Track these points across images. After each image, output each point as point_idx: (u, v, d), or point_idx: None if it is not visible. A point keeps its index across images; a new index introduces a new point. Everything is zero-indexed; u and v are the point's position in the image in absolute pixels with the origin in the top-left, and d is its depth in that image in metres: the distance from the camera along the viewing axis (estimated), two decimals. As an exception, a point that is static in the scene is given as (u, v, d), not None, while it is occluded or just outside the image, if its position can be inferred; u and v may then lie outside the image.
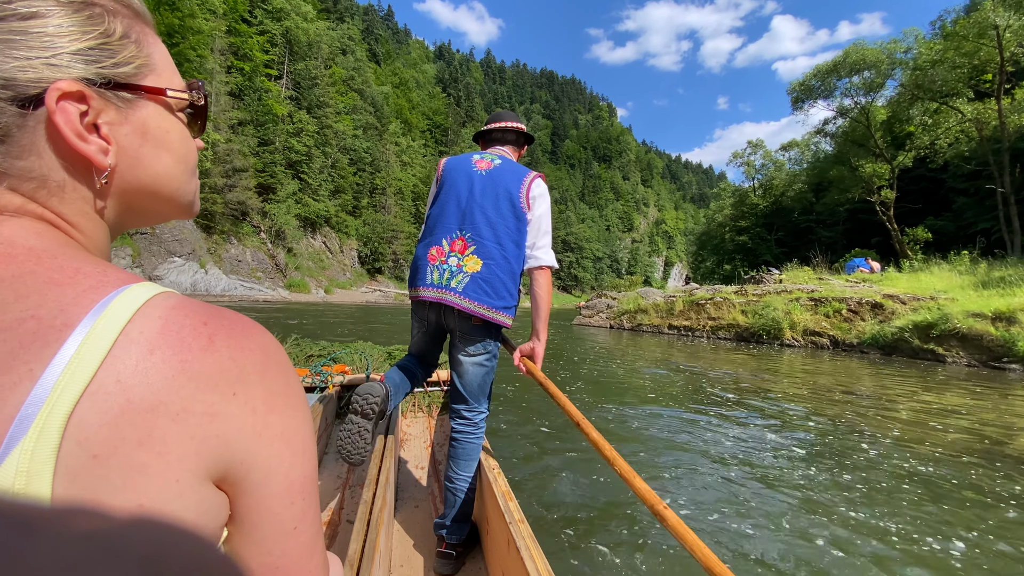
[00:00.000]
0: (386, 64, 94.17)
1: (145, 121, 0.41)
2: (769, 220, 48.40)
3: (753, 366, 8.20)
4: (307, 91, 48.93)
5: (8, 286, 0.30)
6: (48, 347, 0.29)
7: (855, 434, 3.94)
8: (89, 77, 0.36)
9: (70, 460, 0.28)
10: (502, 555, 1.32)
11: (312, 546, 0.41)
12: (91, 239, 0.40)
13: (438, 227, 1.59)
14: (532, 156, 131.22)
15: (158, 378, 0.31)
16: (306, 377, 2.97)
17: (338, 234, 51.42)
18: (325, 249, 48.57)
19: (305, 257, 43.37)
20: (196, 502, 0.32)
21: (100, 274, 0.34)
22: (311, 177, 46.06)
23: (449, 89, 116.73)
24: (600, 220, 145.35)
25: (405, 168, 67.08)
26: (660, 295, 16.63)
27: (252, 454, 0.35)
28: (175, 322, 0.33)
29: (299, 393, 0.40)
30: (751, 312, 12.93)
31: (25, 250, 0.32)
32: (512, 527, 1.23)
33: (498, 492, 1.45)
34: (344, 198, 52.45)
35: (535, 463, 3.09)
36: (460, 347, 1.62)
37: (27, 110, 0.34)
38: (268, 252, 38.17)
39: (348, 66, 62.67)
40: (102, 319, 0.31)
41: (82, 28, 0.36)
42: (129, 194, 0.42)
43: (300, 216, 44.51)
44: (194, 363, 0.32)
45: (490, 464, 1.70)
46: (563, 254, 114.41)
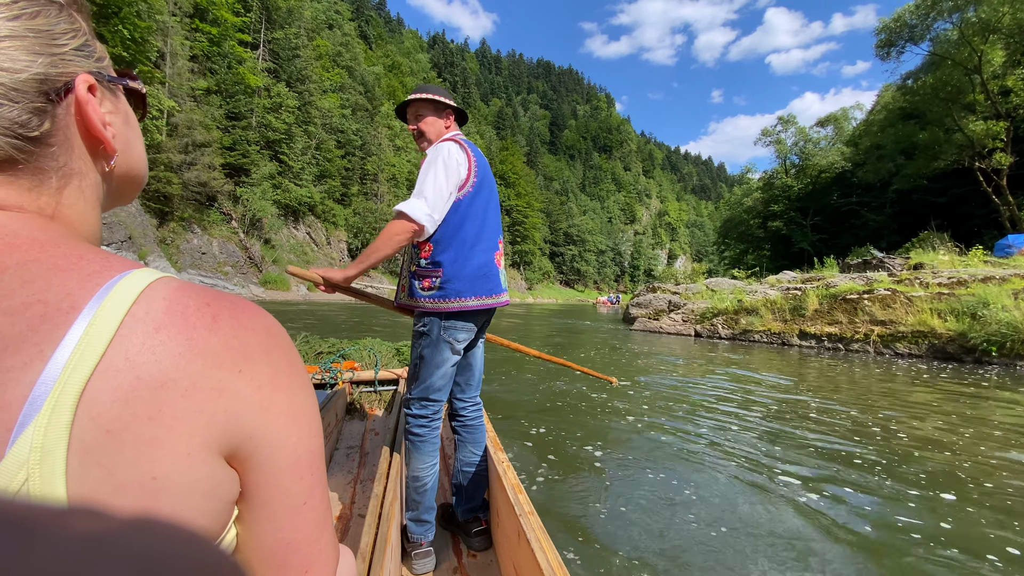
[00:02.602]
0: (378, 47, 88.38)
1: (126, 109, 0.45)
2: (803, 204, 43.68)
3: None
4: (287, 63, 43.36)
5: (14, 273, 0.31)
6: (57, 329, 0.30)
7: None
8: (91, 71, 0.39)
9: (84, 435, 0.28)
10: (512, 548, 1.32)
11: (322, 522, 0.41)
12: (90, 228, 0.41)
13: (488, 230, 1.58)
14: (532, 146, 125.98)
15: (166, 355, 0.32)
16: (316, 374, 2.99)
17: (324, 224, 46.07)
18: (310, 241, 43.28)
19: (285, 249, 38.10)
20: (207, 475, 0.33)
21: (103, 260, 0.34)
22: (292, 159, 40.60)
23: (444, 74, 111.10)
24: (602, 212, 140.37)
25: (399, 153, 61.54)
26: (764, 289, 11.65)
27: (260, 429, 0.36)
28: (179, 303, 0.34)
29: (302, 372, 0.41)
30: (956, 312, 8.01)
31: (29, 240, 0.33)
32: (522, 519, 1.24)
33: (507, 485, 1.46)
34: (331, 184, 47.04)
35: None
36: (480, 338, 1.73)
37: (55, 104, 0.36)
38: (240, 243, 32.92)
39: (335, 41, 57.10)
40: (108, 301, 0.31)
41: (71, 26, 0.38)
42: (118, 178, 0.45)
43: (280, 203, 39.16)
44: (200, 341, 0.33)
45: (499, 457, 1.71)
46: (565, 247, 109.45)
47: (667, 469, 2.89)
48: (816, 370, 6.91)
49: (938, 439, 3.59)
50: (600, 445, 3.30)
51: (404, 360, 3.63)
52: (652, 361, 7.70)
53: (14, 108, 0.34)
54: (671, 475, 2.81)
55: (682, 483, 2.70)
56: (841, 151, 39.24)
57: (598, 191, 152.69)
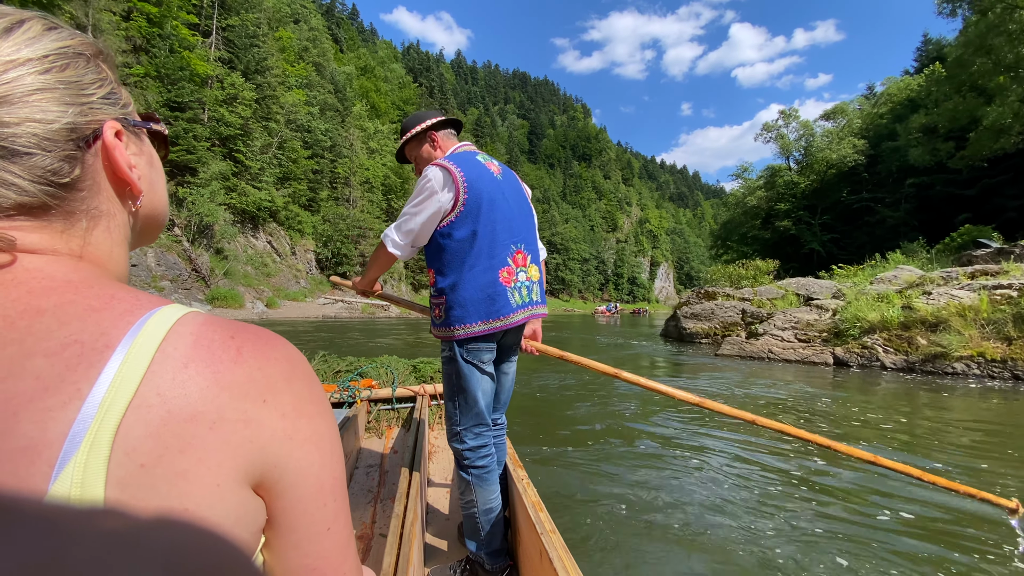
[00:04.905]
0: (350, 50, 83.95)
1: (150, 152, 0.48)
2: (810, 202, 41.00)
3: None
4: (244, 51, 38.54)
5: (51, 315, 0.32)
6: (93, 368, 0.31)
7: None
8: (117, 117, 0.41)
9: (119, 470, 0.29)
10: (535, 567, 1.31)
11: (346, 547, 0.42)
12: (118, 266, 0.42)
13: (496, 246, 1.49)
14: (512, 155, 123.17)
15: (194, 389, 0.33)
16: (334, 393, 2.98)
17: (288, 232, 40.89)
18: (271, 251, 38.09)
19: (242, 261, 32.93)
20: (235, 505, 0.34)
21: (133, 298, 0.36)
22: (250, 158, 35.57)
23: (421, 79, 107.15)
24: (584, 220, 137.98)
25: (373, 156, 56.79)
26: (948, 292, 7.72)
27: (285, 457, 0.37)
28: (205, 337, 0.35)
29: (323, 400, 0.42)
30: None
31: (64, 282, 0.35)
32: (544, 538, 1.22)
33: (528, 503, 1.45)
34: (296, 187, 42.02)
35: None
36: (508, 357, 1.66)
37: (85, 151, 0.38)
38: (184, 253, 27.76)
39: (302, 36, 52.50)
40: (139, 338, 0.33)
41: (98, 76, 0.40)
42: (143, 218, 0.47)
43: (234, 207, 34.06)
44: (225, 374, 0.34)
45: (519, 475, 1.70)
46: (549, 256, 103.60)
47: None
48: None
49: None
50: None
51: (421, 377, 3.51)
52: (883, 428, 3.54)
53: (47, 157, 0.35)
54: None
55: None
56: (853, 143, 36.56)
57: (579, 199, 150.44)
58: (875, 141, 37.17)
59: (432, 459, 2.56)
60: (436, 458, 2.59)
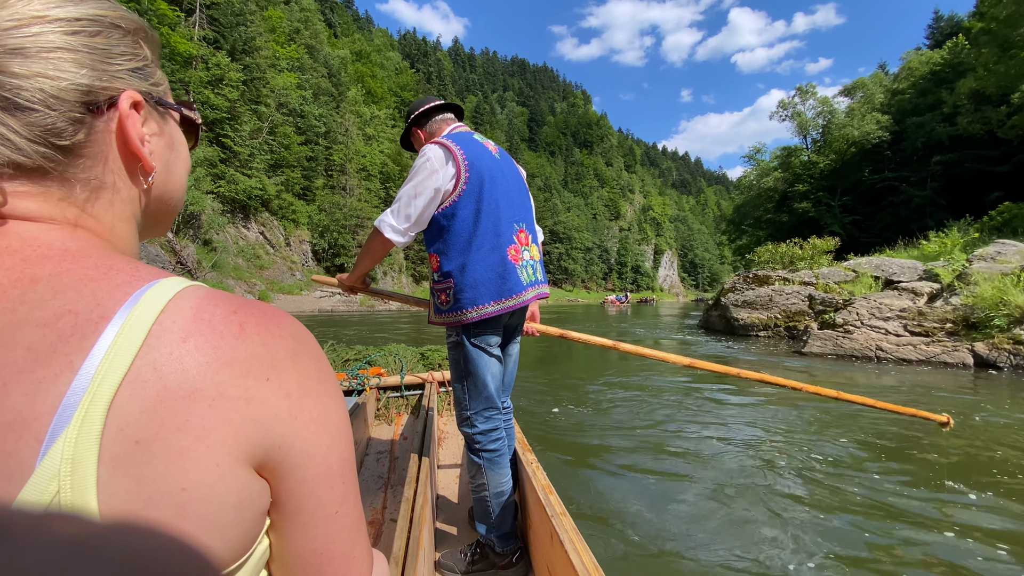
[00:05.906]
0: (344, 36, 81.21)
1: (172, 134, 0.46)
2: (830, 183, 38.97)
3: None
4: (230, 30, 36.38)
5: (45, 284, 0.31)
6: (86, 339, 0.30)
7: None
8: (143, 91, 0.40)
9: (113, 446, 0.28)
10: (546, 549, 1.32)
11: (355, 531, 0.41)
12: (125, 242, 0.41)
13: (501, 223, 1.48)
14: (512, 143, 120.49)
15: (193, 365, 0.31)
16: (344, 381, 3.00)
17: (282, 222, 39.07)
18: (264, 242, 36.32)
19: (232, 253, 31.21)
20: (237, 486, 0.33)
21: (132, 270, 0.34)
22: (238, 143, 33.64)
23: (418, 64, 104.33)
24: (586, 208, 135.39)
25: (370, 142, 54.68)
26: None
27: (289, 438, 0.36)
28: (206, 311, 0.34)
29: (332, 379, 0.40)
30: None
31: (61, 251, 0.34)
32: (554, 520, 1.22)
33: (538, 486, 1.45)
34: (290, 175, 40.09)
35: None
36: (512, 338, 1.65)
37: (96, 117, 0.37)
38: (167, 244, 26.00)
39: (293, 17, 50.10)
40: (136, 310, 0.31)
41: (132, 50, 0.40)
42: (156, 200, 0.45)
43: (223, 196, 32.23)
44: (227, 350, 0.33)
45: (528, 459, 1.69)
46: (552, 245, 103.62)
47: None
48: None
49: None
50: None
51: (429, 364, 3.53)
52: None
53: (50, 115, 0.34)
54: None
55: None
56: (876, 119, 34.43)
57: (581, 187, 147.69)
58: (898, 117, 35.15)
59: (441, 445, 2.55)
60: (445, 444, 2.59)
